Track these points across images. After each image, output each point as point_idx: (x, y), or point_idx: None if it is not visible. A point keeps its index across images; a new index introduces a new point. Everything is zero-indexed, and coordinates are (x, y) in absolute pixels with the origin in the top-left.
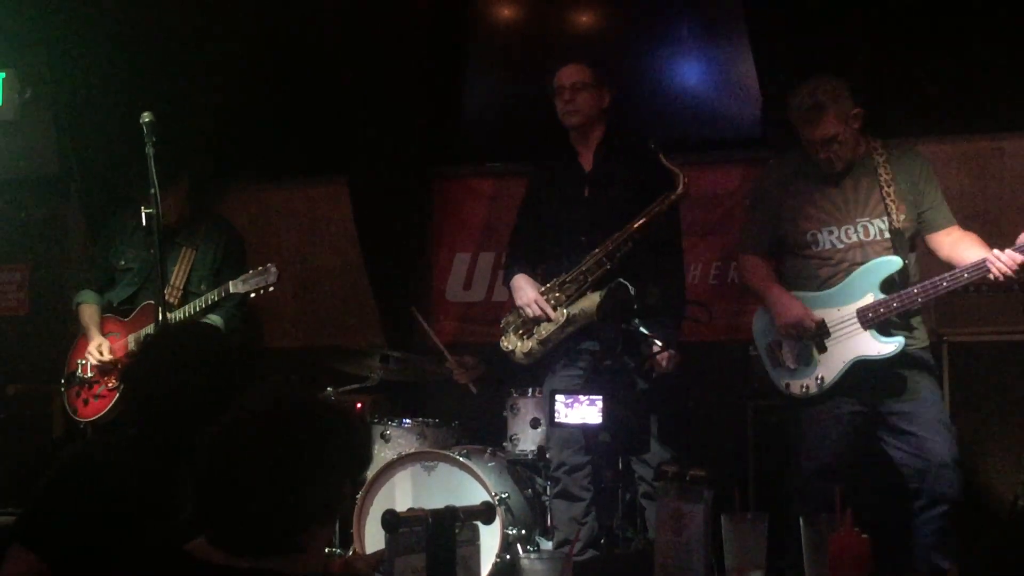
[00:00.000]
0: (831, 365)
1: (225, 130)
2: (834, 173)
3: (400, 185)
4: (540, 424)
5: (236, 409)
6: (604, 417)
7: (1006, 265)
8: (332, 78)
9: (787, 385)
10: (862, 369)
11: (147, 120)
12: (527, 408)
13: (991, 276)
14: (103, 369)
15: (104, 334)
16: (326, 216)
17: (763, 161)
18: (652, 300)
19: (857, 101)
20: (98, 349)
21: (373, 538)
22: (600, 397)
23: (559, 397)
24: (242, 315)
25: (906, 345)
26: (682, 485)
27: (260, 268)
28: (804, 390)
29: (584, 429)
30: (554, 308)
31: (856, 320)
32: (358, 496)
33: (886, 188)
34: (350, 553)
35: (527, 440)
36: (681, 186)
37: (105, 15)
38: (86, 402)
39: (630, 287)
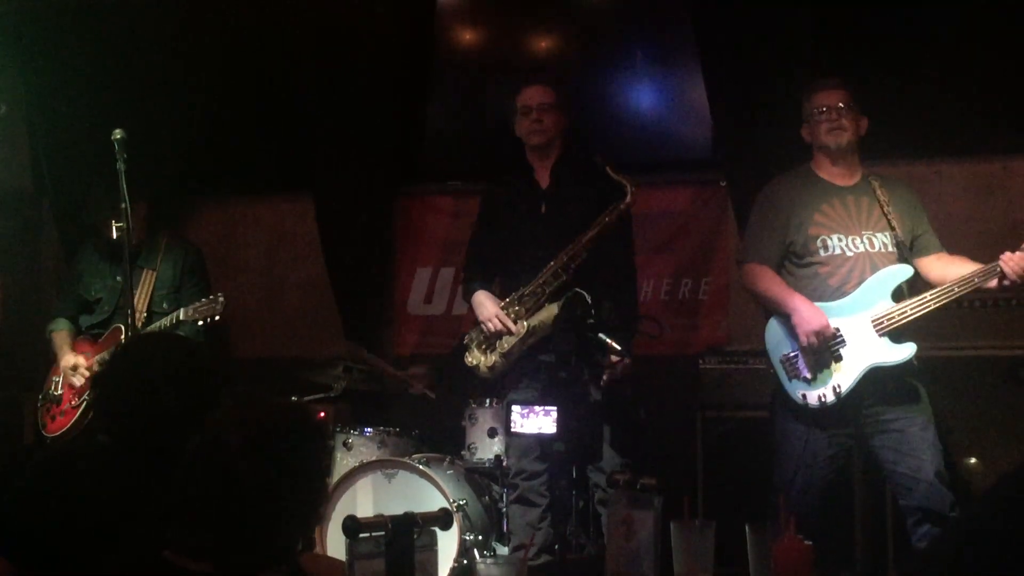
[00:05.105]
0: (847, 373)
1: (195, 145)
2: (836, 187)
3: (364, 201)
4: (497, 433)
5: (211, 432)
6: (559, 427)
7: (1019, 264)
8: (299, 97)
9: (804, 396)
10: (873, 378)
11: (118, 137)
12: (485, 418)
13: (1002, 279)
14: (82, 386)
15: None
16: (292, 230)
17: (713, 182)
18: (605, 314)
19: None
20: (73, 367)
21: (335, 544)
22: (555, 408)
23: (515, 407)
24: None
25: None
26: (633, 493)
27: (211, 297)
28: (822, 400)
29: (539, 438)
30: (514, 321)
31: (871, 328)
32: None
33: (885, 207)
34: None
35: (485, 449)
36: (629, 195)
37: (79, 33)
38: (53, 418)
39: (587, 296)
